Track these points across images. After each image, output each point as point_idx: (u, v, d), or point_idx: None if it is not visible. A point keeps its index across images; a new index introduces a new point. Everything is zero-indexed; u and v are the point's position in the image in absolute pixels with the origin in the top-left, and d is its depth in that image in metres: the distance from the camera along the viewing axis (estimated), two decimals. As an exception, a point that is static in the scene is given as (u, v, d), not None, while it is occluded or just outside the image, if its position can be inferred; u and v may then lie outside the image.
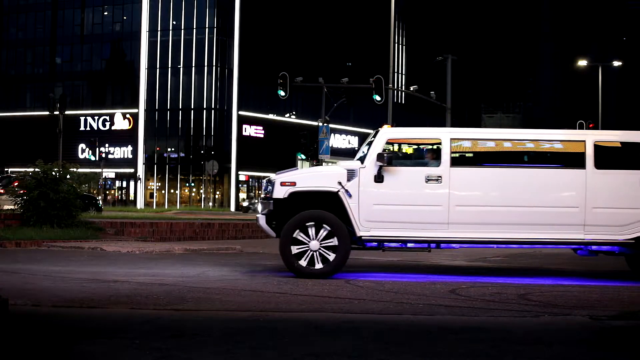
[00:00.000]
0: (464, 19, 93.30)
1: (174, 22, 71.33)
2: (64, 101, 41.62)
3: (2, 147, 74.93)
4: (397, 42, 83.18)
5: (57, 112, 41.42)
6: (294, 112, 73.64)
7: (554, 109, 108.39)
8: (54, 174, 19.15)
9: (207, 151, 68.91)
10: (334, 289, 9.74)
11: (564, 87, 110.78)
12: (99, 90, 75.33)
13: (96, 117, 73.84)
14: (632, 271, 12.37)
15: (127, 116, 72.31)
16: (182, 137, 71.25)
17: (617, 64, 68.85)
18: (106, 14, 75.01)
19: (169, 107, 71.23)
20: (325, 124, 36.32)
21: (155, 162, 71.79)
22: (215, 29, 69.81)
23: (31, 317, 7.34)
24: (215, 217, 30.29)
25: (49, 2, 77.14)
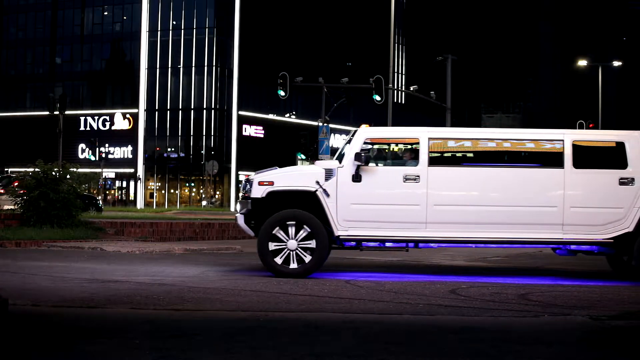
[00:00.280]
0: (464, 19, 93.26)
1: (174, 22, 71.35)
2: (64, 101, 41.66)
3: (2, 147, 74.93)
4: (397, 42, 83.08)
5: (57, 112, 41.46)
6: (294, 112, 73.65)
7: (554, 109, 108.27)
8: (54, 174, 19.13)
9: (207, 151, 68.94)
10: (334, 289, 9.74)
11: (564, 87, 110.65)
12: (99, 90, 75.35)
13: (96, 117, 73.87)
14: (613, 271, 12.38)
15: (127, 116, 72.33)
16: (182, 137, 71.28)
17: (617, 64, 68.84)
18: (106, 14, 75.02)
19: (169, 107, 71.26)
20: (325, 124, 36.32)
21: (155, 162, 71.81)
22: (215, 29, 69.83)
23: (31, 317, 7.33)
24: (215, 217, 30.26)
25: (49, 2, 77.14)
